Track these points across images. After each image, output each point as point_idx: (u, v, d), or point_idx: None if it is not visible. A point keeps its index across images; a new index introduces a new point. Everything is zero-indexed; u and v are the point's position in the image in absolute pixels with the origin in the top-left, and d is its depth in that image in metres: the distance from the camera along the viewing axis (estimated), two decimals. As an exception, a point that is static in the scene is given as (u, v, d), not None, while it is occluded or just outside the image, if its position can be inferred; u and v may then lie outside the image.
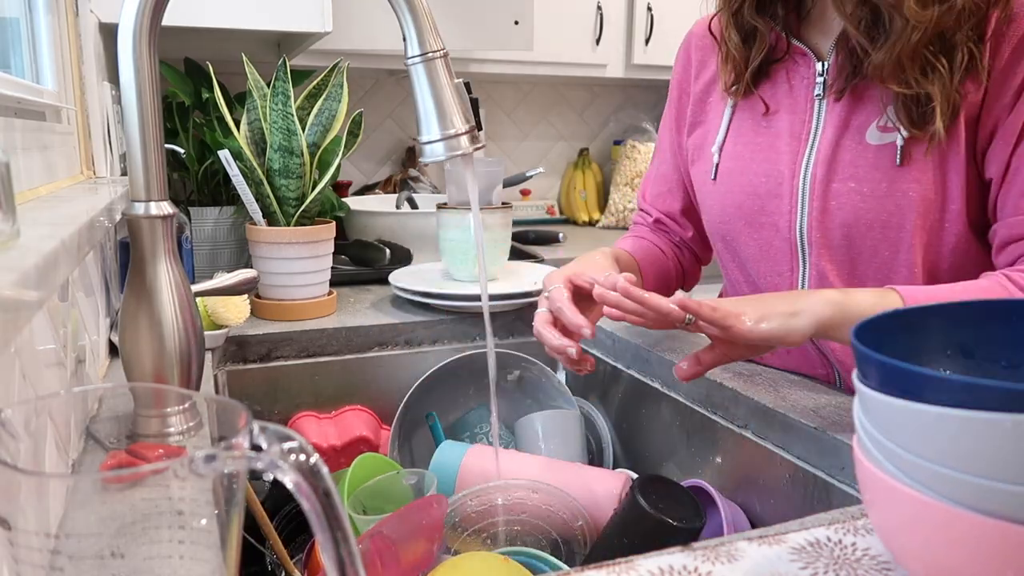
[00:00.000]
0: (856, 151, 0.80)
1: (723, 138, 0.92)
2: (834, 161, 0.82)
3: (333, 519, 0.32)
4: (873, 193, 0.79)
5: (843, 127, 0.81)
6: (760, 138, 0.89)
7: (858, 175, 0.80)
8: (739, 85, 0.89)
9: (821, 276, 0.85)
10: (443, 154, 0.69)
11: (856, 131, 0.81)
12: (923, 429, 0.41)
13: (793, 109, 0.86)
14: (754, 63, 0.87)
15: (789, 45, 0.86)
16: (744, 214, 0.90)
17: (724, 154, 0.92)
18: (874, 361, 0.43)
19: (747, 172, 0.89)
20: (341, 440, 1.02)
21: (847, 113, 0.81)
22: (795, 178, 0.84)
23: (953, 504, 0.40)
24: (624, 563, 0.51)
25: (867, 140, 0.80)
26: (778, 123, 0.87)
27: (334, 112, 1.16)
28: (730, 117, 0.92)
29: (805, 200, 0.84)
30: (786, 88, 0.87)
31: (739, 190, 0.90)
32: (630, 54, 2.26)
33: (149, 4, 0.61)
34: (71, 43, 1.05)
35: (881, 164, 0.79)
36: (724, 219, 0.93)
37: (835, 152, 0.82)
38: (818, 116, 0.84)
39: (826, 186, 0.82)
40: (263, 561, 0.82)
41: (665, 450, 1.00)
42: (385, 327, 1.16)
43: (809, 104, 0.85)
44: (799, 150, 0.85)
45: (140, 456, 0.43)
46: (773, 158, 0.87)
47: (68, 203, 0.71)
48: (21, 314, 0.38)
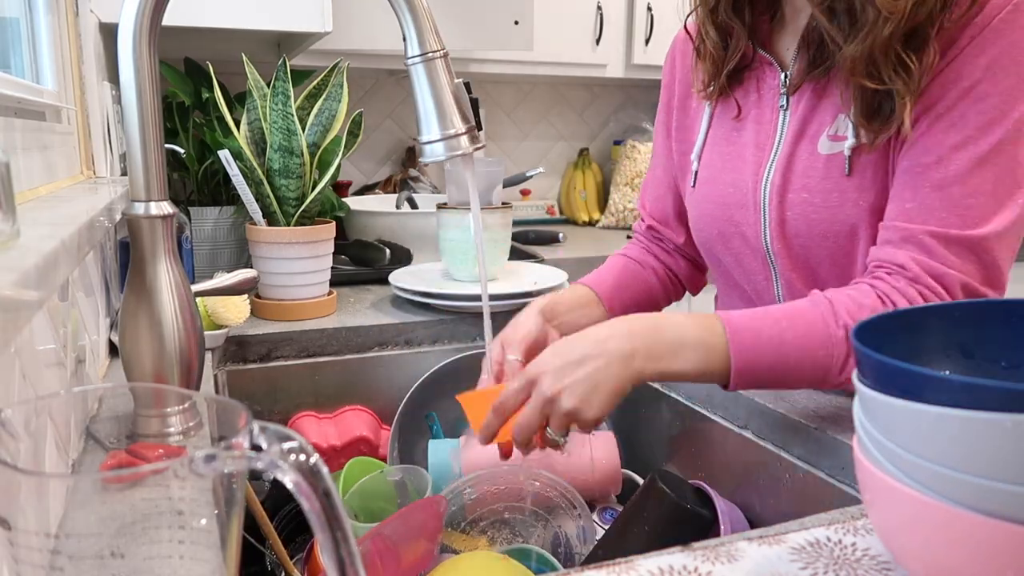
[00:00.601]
0: (808, 161, 0.80)
1: (701, 145, 0.92)
2: (788, 171, 0.82)
3: (333, 519, 0.32)
4: (825, 203, 0.79)
5: (799, 137, 0.81)
6: (730, 147, 0.89)
7: (810, 185, 0.80)
8: (714, 86, 0.89)
9: (790, 285, 0.85)
10: (443, 154, 0.69)
11: (810, 141, 0.81)
12: (923, 429, 0.41)
13: (759, 119, 0.86)
14: (730, 64, 0.86)
15: (755, 54, 0.86)
16: (717, 223, 0.90)
17: (701, 162, 0.92)
18: (874, 361, 0.43)
19: (718, 181, 0.89)
20: (341, 440, 1.02)
21: (803, 122, 0.81)
22: (757, 189, 0.85)
23: (953, 504, 0.40)
24: (624, 563, 0.51)
25: (818, 150, 0.80)
26: (746, 132, 0.87)
27: (334, 112, 1.16)
28: (708, 124, 0.92)
29: (766, 211, 0.84)
30: (755, 97, 0.87)
31: (711, 200, 0.90)
32: (630, 54, 2.26)
33: (149, 4, 0.61)
34: (71, 43, 1.05)
35: (831, 174, 0.79)
36: (700, 227, 0.93)
37: (790, 162, 0.82)
38: (781, 126, 0.84)
39: (782, 196, 0.82)
40: (263, 561, 0.82)
41: (665, 450, 1.00)
42: (385, 327, 1.16)
43: (774, 114, 0.85)
44: (762, 160, 0.85)
45: (140, 456, 0.43)
46: (740, 167, 0.87)
47: (68, 203, 0.71)
48: (21, 314, 0.38)
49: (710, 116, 0.91)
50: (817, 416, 0.79)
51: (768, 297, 0.89)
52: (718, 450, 0.90)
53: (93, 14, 1.12)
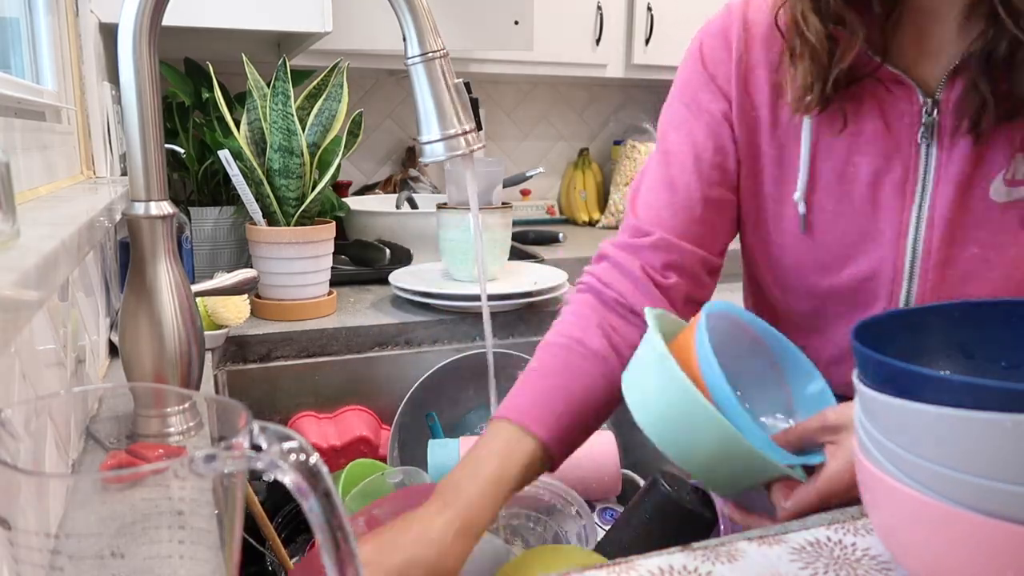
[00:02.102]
0: (980, 210, 0.66)
1: (805, 183, 0.72)
2: (953, 222, 0.67)
3: (333, 519, 0.32)
4: (1000, 261, 0.66)
5: (963, 180, 0.66)
6: (845, 186, 0.71)
7: (982, 239, 0.67)
8: (813, 95, 0.68)
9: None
10: (443, 154, 0.69)
11: (978, 186, 0.66)
12: (923, 429, 0.41)
13: (890, 153, 0.68)
14: (841, 64, 0.66)
15: (879, 68, 0.67)
16: (829, 275, 0.73)
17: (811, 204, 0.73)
18: (874, 361, 0.43)
19: (831, 228, 0.72)
20: (341, 440, 1.02)
21: (966, 162, 0.66)
22: (901, 239, 0.69)
23: (953, 504, 0.40)
24: (624, 563, 0.51)
25: (992, 197, 0.66)
26: (867, 168, 0.70)
27: (334, 112, 1.16)
28: (809, 156, 0.72)
29: (915, 268, 0.69)
30: (879, 124, 0.68)
31: (821, 248, 0.73)
32: (630, 54, 2.26)
33: (149, 4, 0.61)
34: (71, 43, 1.05)
35: (1008, 225, 0.66)
36: (802, 281, 0.76)
37: (954, 211, 0.67)
38: (926, 164, 0.67)
39: (944, 252, 0.68)
40: (263, 561, 0.82)
41: (665, 450, 1.00)
42: (385, 327, 1.16)
43: (912, 148, 0.68)
44: (905, 205, 0.69)
45: (140, 456, 0.43)
46: (868, 212, 0.70)
47: (68, 203, 0.71)
48: (21, 314, 0.38)
49: (811, 143, 0.71)
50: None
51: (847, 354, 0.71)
52: (718, 450, 0.89)
53: (93, 14, 1.12)
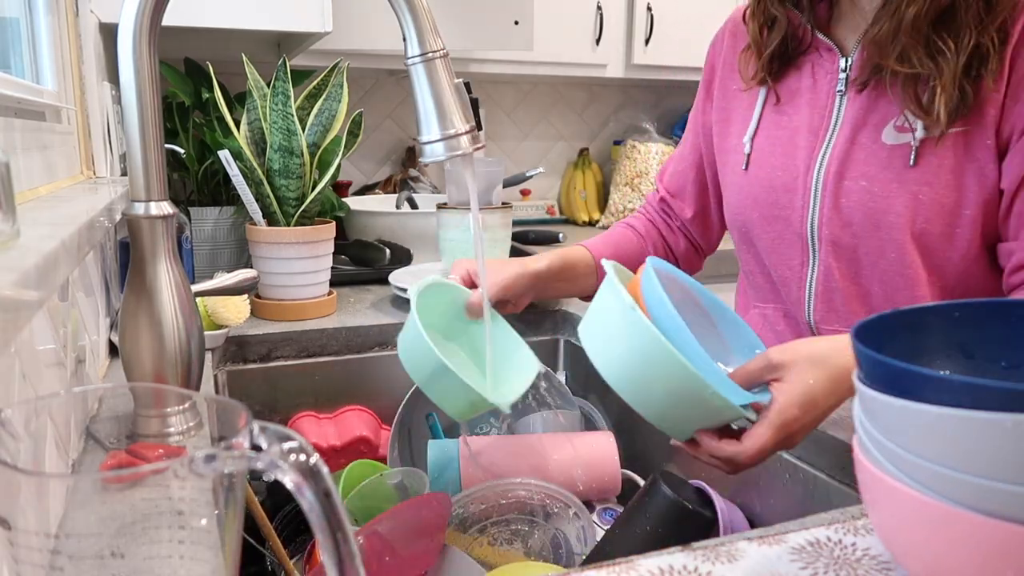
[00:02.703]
0: (870, 149, 0.80)
1: (755, 129, 0.92)
2: (848, 158, 0.81)
3: (333, 519, 0.32)
4: (883, 193, 0.79)
5: (860, 124, 0.81)
6: (780, 131, 0.89)
7: (869, 173, 0.80)
8: (757, 76, 0.90)
9: (828, 272, 0.85)
10: (443, 154, 0.69)
11: (873, 129, 0.80)
12: (923, 429, 0.41)
13: (814, 104, 0.86)
14: (769, 48, 0.87)
15: (813, 38, 0.86)
16: (760, 206, 0.90)
17: (753, 145, 0.92)
18: (874, 361, 0.43)
19: (766, 165, 0.90)
20: (341, 440, 1.02)
21: (865, 111, 0.81)
22: (809, 173, 0.84)
23: (953, 504, 0.40)
24: (624, 563, 0.51)
25: (883, 139, 0.80)
26: (798, 117, 0.87)
27: (334, 112, 1.16)
28: (761, 109, 0.91)
29: (817, 196, 0.84)
30: (810, 82, 0.87)
31: (757, 182, 0.90)
32: (630, 54, 2.26)
33: (149, 4, 0.61)
34: (71, 43, 1.05)
35: (893, 164, 0.78)
36: (741, 209, 0.93)
37: (850, 149, 0.81)
38: (837, 112, 0.83)
39: (838, 183, 0.82)
40: (263, 561, 0.82)
41: (665, 450, 1.00)
42: (385, 327, 1.16)
43: (830, 100, 0.84)
44: (815, 145, 0.85)
45: (140, 456, 0.43)
46: (791, 152, 0.87)
47: (68, 203, 0.71)
48: (21, 314, 0.38)
49: (763, 101, 0.91)
50: (817, 416, 0.78)
51: (797, 282, 0.89)
52: (718, 450, 0.90)
53: (93, 14, 1.12)
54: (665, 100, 2.69)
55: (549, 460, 0.92)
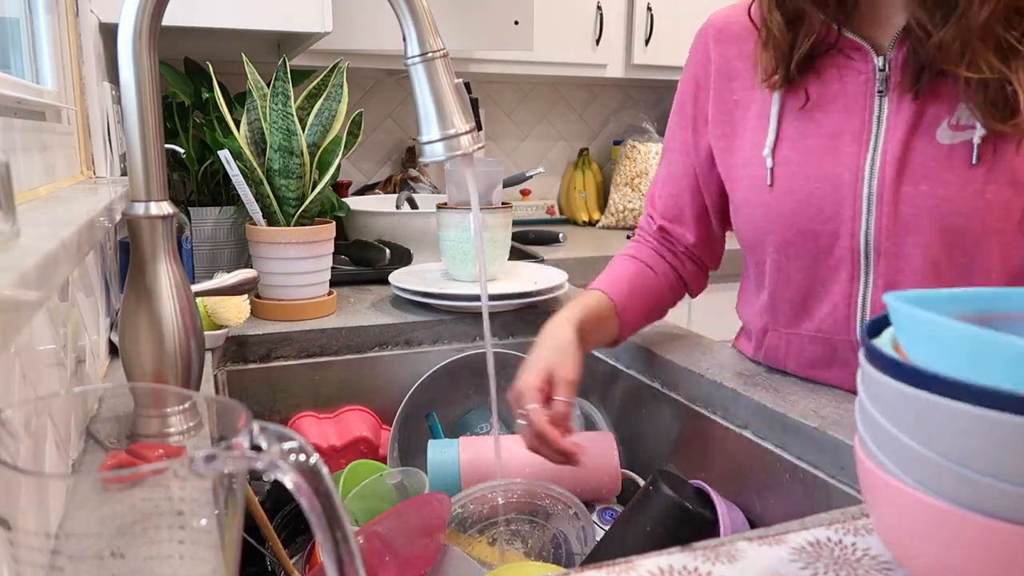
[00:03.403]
0: (927, 151, 0.75)
1: (774, 139, 0.85)
2: (904, 162, 0.76)
3: (333, 519, 0.32)
4: (947, 195, 0.74)
5: (912, 126, 0.76)
6: (810, 140, 0.82)
7: (930, 177, 0.75)
8: (780, 74, 0.83)
9: (890, 286, 0.79)
10: (443, 154, 0.69)
11: (926, 130, 0.76)
12: (930, 419, 0.41)
13: (850, 107, 0.80)
14: (801, 49, 0.80)
15: (839, 38, 0.80)
16: (796, 223, 0.83)
17: (776, 158, 0.85)
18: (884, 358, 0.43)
19: (798, 177, 0.83)
20: (341, 440, 1.02)
21: (914, 112, 0.76)
22: (858, 182, 0.79)
23: (955, 505, 0.40)
24: (624, 563, 0.51)
25: (938, 139, 0.75)
26: (830, 123, 0.81)
27: (334, 112, 1.16)
28: (779, 117, 0.85)
29: (872, 205, 0.78)
30: (838, 86, 0.81)
31: (790, 197, 0.83)
32: (630, 54, 2.26)
33: (149, 4, 0.61)
34: (71, 43, 1.05)
35: (955, 164, 0.74)
36: (770, 228, 0.86)
37: (904, 153, 0.76)
38: (879, 115, 0.78)
39: (896, 189, 0.77)
40: (263, 561, 0.82)
41: (665, 450, 1.00)
42: (385, 327, 1.16)
43: (869, 102, 0.79)
44: (861, 151, 0.79)
45: (140, 456, 0.43)
46: (830, 161, 0.81)
47: (68, 203, 0.71)
48: (21, 314, 0.38)
49: (780, 108, 0.84)
50: (817, 416, 0.79)
51: (845, 300, 0.82)
52: (718, 450, 0.90)
53: (93, 14, 1.12)
54: (665, 100, 2.69)
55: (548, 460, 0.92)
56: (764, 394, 0.85)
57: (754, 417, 0.84)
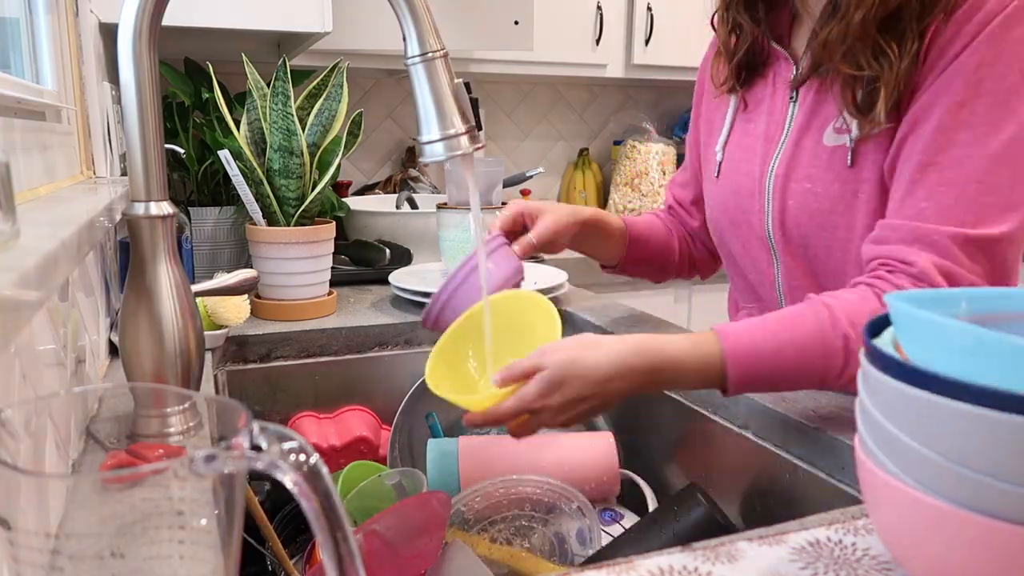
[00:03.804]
0: (813, 152, 0.83)
1: (726, 137, 0.95)
2: (793, 162, 0.84)
3: (333, 519, 0.32)
4: (826, 193, 0.81)
5: (805, 128, 0.84)
6: (746, 139, 0.92)
7: (813, 175, 0.82)
8: (728, 83, 0.93)
9: (789, 272, 0.88)
10: (443, 154, 0.69)
11: (816, 132, 0.83)
12: (931, 419, 0.41)
13: (771, 111, 0.89)
14: (736, 57, 0.91)
15: (770, 48, 0.90)
16: (728, 211, 0.94)
17: (725, 153, 0.96)
18: (888, 359, 0.43)
19: (732, 172, 0.93)
20: (341, 440, 1.02)
21: (810, 115, 0.84)
22: (763, 178, 0.88)
23: (955, 504, 0.40)
24: (624, 563, 0.51)
25: (824, 142, 0.82)
26: (759, 124, 0.90)
27: (334, 112, 1.16)
28: (732, 118, 0.95)
29: (770, 199, 0.87)
30: (770, 91, 0.90)
31: (727, 189, 0.94)
32: (630, 54, 2.26)
33: (149, 4, 0.61)
34: (71, 43, 1.05)
35: (834, 165, 0.81)
36: (715, 216, 0.97)
37: (795, 153, 0.84)
38: (789, 118, 0.87)
39: (785, 185, 0.85)
40: (263, 561, 0.82)
41: (665, 450, 1.00)
42: (385, 327, 1.16)
43: (784, 106, 0.87)
44: (770, 151, 0.88)
45: (140, 456, 0.43)
46: (751, 158, 0.90)
47: (68, 203, 0.71)
48: (21, 314, 0.38)
49: (734, 110, 0.95)
50: (817, 416, 0.79)
51: (768, 283, 0.92)
52: (718, 450, 0.90)
53: (93, 14, 1.12)
54: (665, 100, 2.69)
55: (548, 460, 0.92)
56: (764, 395, 0.85)
57: (754, 417, 0.84)
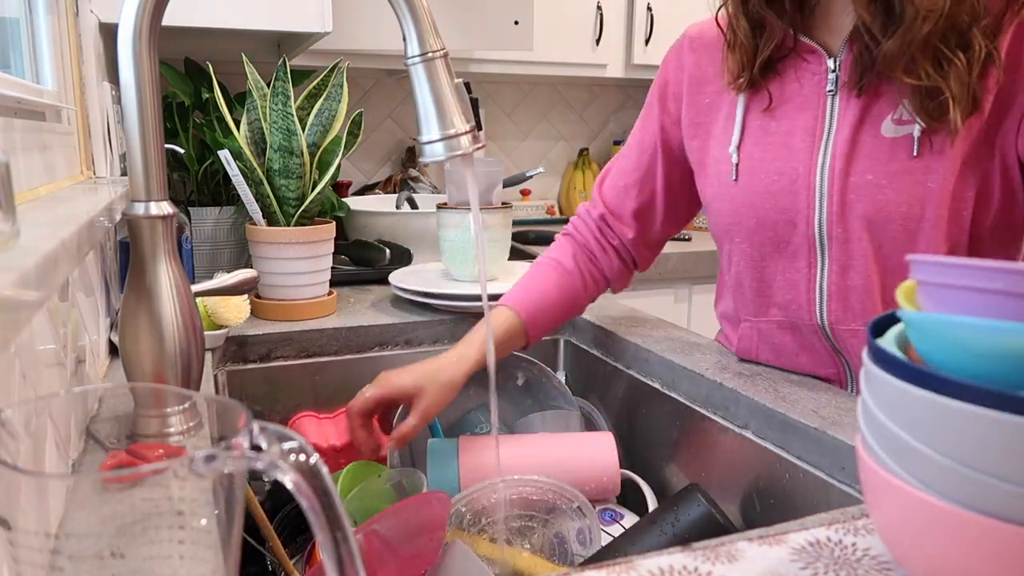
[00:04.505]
0: (873, 144, 0.81)
1: (739, 138, 0.91)
2: (851, 155, 0.82)
3: (333, 519, 0.32)
4: (891, 185, 0.80)
5: (858, 121, 0.82)
6: (771, 137, 0.89)
7: (875, 168, 0.81)
8: (745, 77, 0.89)
9: (842, 271, 0.85)
10: (443, 154, 0.69)
11: (871, 125, 0.81)
12: (933, 419, 0.41)
13: (805, 106, 0.86)
14: (763, 54, 0.87)
15: (796, 42, 0.87)
16: (758, 212, 0.89)
17: (741, 154, 0.91)
18: (891, 358, 0.43)
19: (759, 171, 0.89)
20: (341, 440, 1.02)
21: (861, 108, 0.82)
22: (811, 175, 0.85)
23: (956, 505, 0.40)
24: (624, 563, 0.51)
25: (883, 133, 0.80)
26: (790, 120, 0.87)
27: (334, 112, 1.16)
28: (743, 117, 0.91)
29: (823, 195, 0.84)
30: (796, 86, 0.87)
31: (751, 190, 0.90)
32: (630, 54, 2.26)
33: (149, 4, 0.61)
34: (71, 43, 1.05)
35: (898, 156, 0.79)
36: (736, 219, 0.92)
37: (852, 146, 0.82)
38: (831, 112, 0.84)
39: (844, 180, 0.82)
40: (263, 561, 0.82)
41: (665, 450, 1.00)
42: (385, 327, 1.16)
43: (822, 100, 0.85)
44: (814, 146, 0.85)
45: (140, 456, 0.43)
46: (786, 155, 0.87)
47: (68, 203, 0.71)
48: (21, 314, 0.38)
49: (744, 108, 0.91)
50: (817, 416, 0.79)
51: (806, 285, 0.88)
52: (718, 450, 0.90)
53: (93, 14, 1.12)
54: (665, 100, 2.69)
55: (548, 460, 0.92)
56: (764, 394, 0.85)
57: (754, 417, 0.84)
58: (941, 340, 0.42)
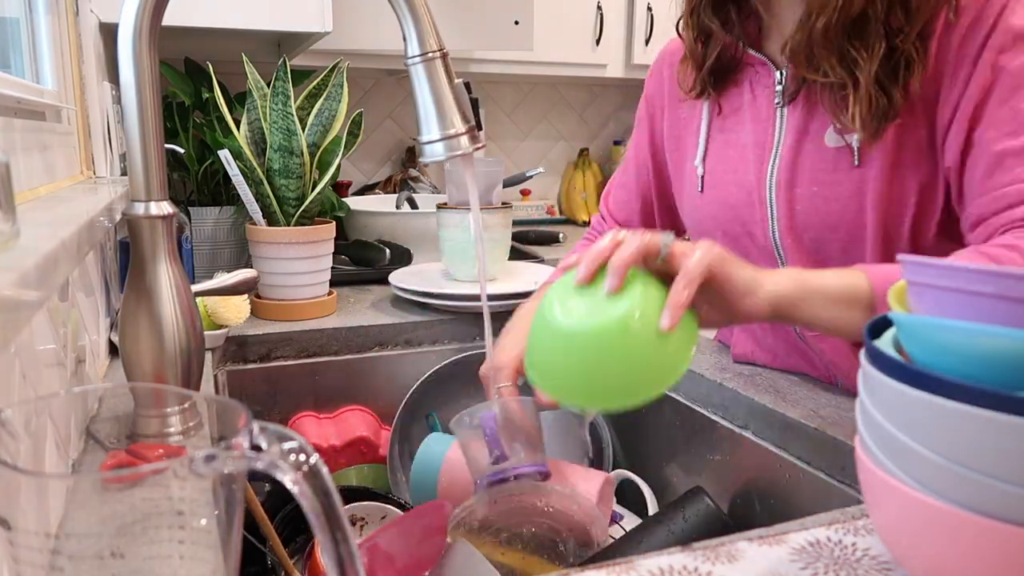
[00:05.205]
0: (816, 155, 0.81)
1: (703, 150, 0.92)
2: (795, 166, 0.83)
3: (333, 519, 0.32)
4: (835, 195, 0.80)
5: (803, 132, 0.82)
6: (729, 150, 0.90)
7: (819, 178, 0.81)
8: (696, 87, 0.90)
9: None
10: (443, 154, 0.69)
11: (815, 135, 0.82)
12: (931, 420, 0.41)
13: (757, 118, 0.87)
14: (709, 61, 0.88)
15: (745, 54, 0.88)
16: (721, 225, 0.90)
17: (705, 167, 0.93)
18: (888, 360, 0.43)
19: (720, 184, 0.90)
20: (341, 440, 1.02)
21: (806, 118, 0.82)
22: (762, 187, 0.85)
23: (956, 505, 0.40)
24: (624, 563, 0.51)
25: (826, 143, 0.81)
26: (744, 134, 0.88)
27: (334, 112, 1.16)
28: (707, 129, 0.92)
29: (773, 207, 0.85)
30: (750, 97, 0.88)
31: (715, 203, 0.91)
32: (630, 54, 2.26)
33: (149, 4, 0.61)
34: (71, 43, 1.05)
35: (840, 165, 0.80)
36: (703, 231, 0.94)
37: (796, 157, 0.83)
38: (779, 124, 0.85)
39: (790, 192, 0.83)
40: (263, 561, 0.82)
41: (665, 450, 1.00)
42: (385, 327, 1.16)
43: (771, 112, 0.85)
44: (764, 158, 0.86)
45: (140, 456, 0.43)
46: (742, 168, 0.88)
47: (68, 203, 0.71)
48: (21, 314, 0.38)
49: (708, 122, 0.92)
50: (817, 416, 0.79)
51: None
52: (718, 450, 0.90)
53: (93, 14, 1.12)
54: (665, 100, 2.68)
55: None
56: (764, 394, 0.85)
57: (754, 417, 0.84)
58: (930, 343, 0.42)
